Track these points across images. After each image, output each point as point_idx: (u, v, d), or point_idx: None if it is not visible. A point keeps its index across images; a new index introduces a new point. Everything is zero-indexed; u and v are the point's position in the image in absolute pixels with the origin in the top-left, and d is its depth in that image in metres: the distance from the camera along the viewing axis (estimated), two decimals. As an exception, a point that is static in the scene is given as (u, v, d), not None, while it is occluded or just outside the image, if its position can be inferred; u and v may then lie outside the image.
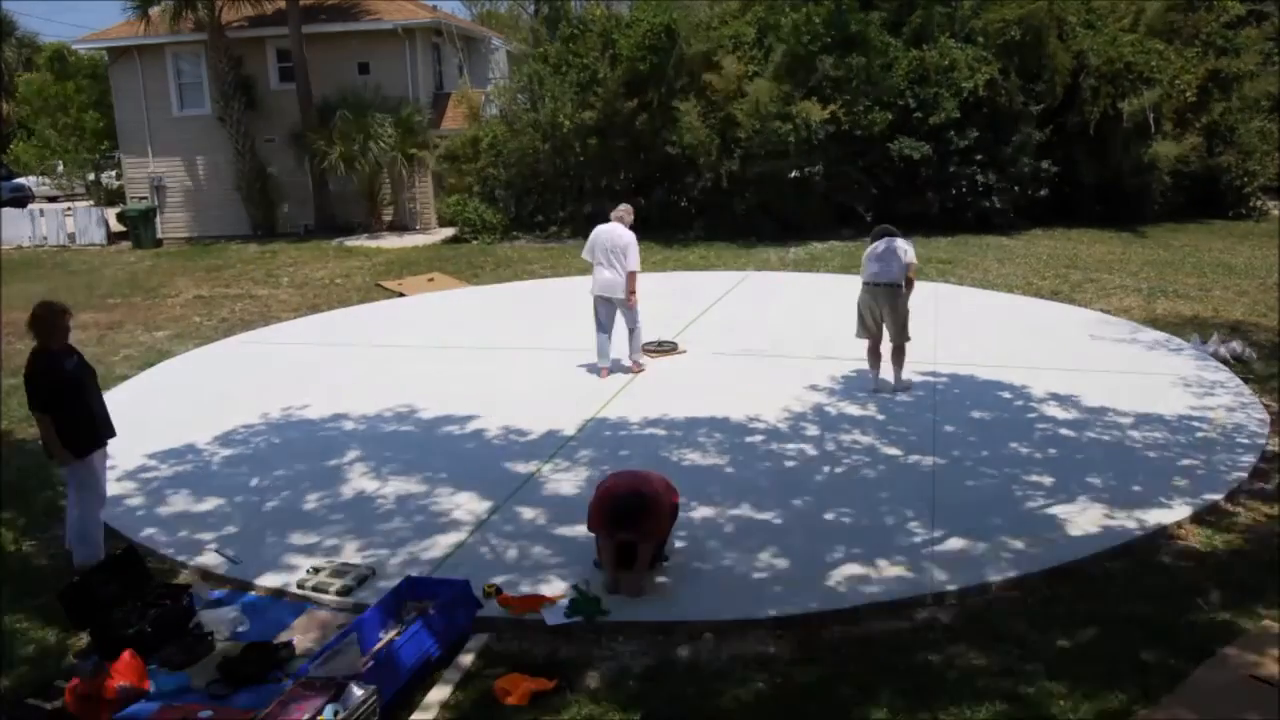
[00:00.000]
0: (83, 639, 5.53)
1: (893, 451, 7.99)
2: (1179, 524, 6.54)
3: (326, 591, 5.90)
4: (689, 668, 5.16)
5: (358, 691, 4.55)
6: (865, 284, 9.38)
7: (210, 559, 6.46)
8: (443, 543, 6.53)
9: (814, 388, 9.70)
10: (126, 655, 5.04)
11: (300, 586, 5.97)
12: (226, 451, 8.59)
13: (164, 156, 23.78)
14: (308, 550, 6.53)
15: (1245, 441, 7.98)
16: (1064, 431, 8.30)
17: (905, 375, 9.60)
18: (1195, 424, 8.40)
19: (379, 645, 5.23)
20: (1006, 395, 9.33)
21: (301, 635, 5.58)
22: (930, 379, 9.87)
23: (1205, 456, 7.67)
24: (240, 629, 5.63)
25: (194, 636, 5.47)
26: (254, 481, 7.82)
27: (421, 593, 5.58)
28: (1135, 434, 8.21)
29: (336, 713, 4.42)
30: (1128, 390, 9.29)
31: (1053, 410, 8.84)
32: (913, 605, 5.65)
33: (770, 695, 4.89)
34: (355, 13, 23.16)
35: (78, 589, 5.50)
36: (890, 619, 5.54)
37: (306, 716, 4.41)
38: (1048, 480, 7.26)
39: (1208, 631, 5.25)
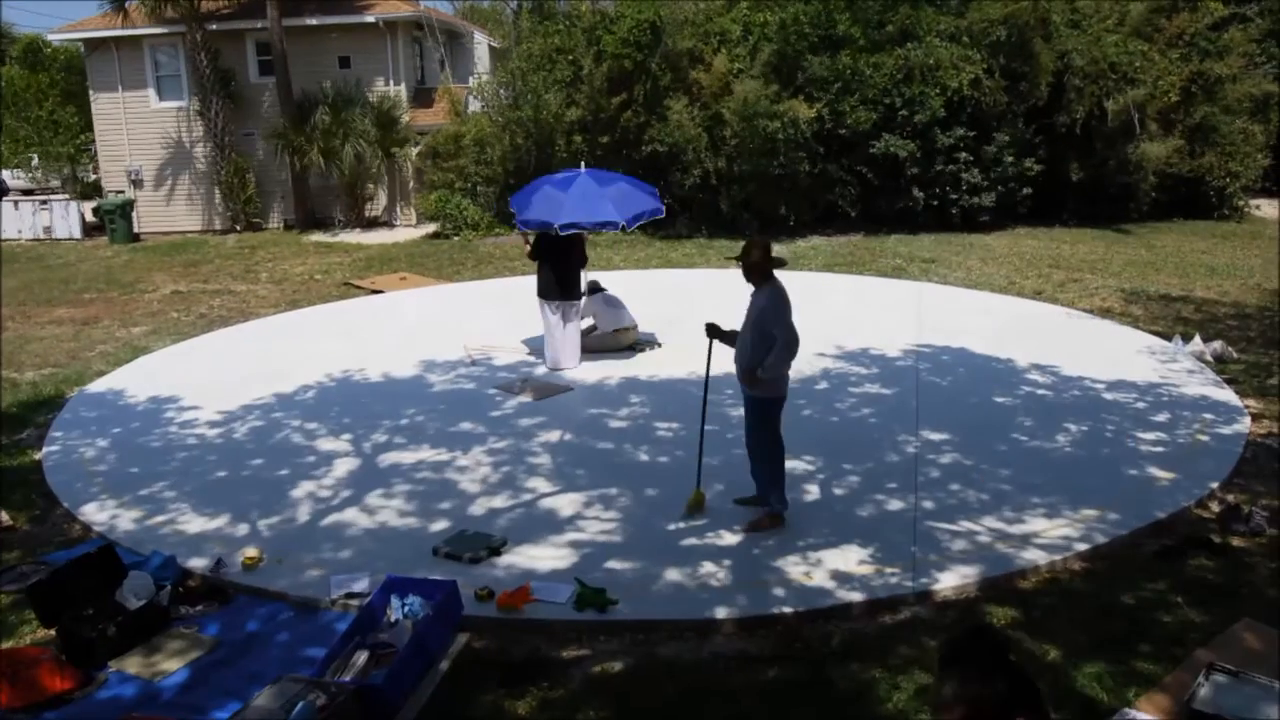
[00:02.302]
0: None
1: (875, 445, 7.97)
2: (1160, 524, 6.52)
3: (460, 559, 6.13)
4: (670, 666, 5.10)
5: (331, 690, 4.47)
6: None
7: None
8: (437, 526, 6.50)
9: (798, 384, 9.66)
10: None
11: (435, 553, 6.26)
12: (215, 443, 8.57)
13: (141, 149, 23.49)
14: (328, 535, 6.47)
15: (1226, 443, 7.97)
16: (1041, 440, 8.27)
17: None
18: (1177, 424, 8.40)
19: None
20: (988, 399, 9.31)
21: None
22: (912, 362, 9.88)
23: (1187, 457, 7.67)
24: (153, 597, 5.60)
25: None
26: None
27: (406, 592, 5.47)
28: (1114, 432, 8.20)
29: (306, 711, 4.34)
30: (1109, 390, 9.29)
31: (1034, 409, 8.83)
32: (895, 602, 5.61)
33: (752, 693, 4.83)
34: (336, 6, 22.94)
35: (48, 586, 5.39)
36: (873, 616, 5.50)
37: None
38: (1037, 480, 7.23)
39: (1182, 632, 5.23)
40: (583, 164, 11.38)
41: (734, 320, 6.70)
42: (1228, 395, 9.18)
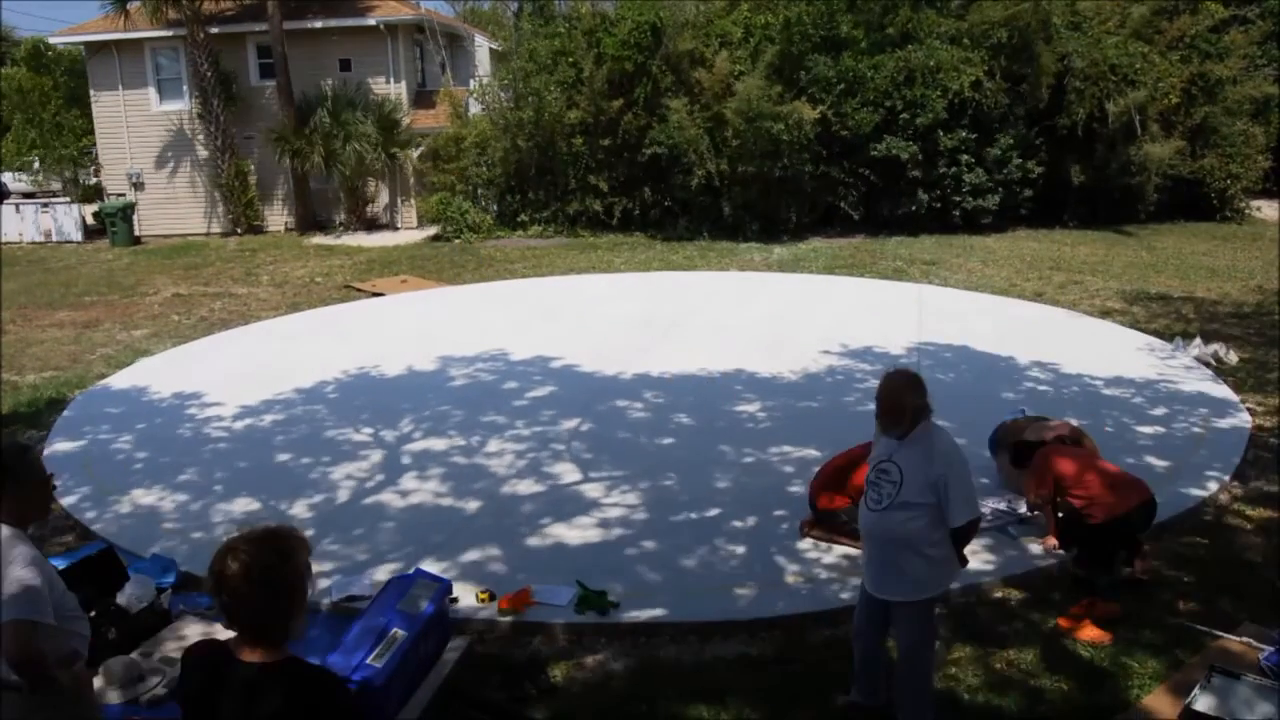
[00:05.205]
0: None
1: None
2: (1163, 524, 6.51)
3: None
4: (671, 669, 5.09)
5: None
6: None
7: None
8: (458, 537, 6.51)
9: (799, 386, 9.68)
10: None
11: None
12: (242, 435, 8.73)
13: (142, 152, 23.52)
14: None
15: (1227, 442, 7.97)
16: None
17: None
18: (1175, 418, 8.42)
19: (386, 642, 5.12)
20: (989, 394, 9.30)
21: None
22: (914, 359, 9.85)
23: (1187, 457, 7.67)
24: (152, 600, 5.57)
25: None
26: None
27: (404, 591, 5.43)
28: (1115, 433, 8.20)
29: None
30: (1110, 391, 9.30)
31: (1035, 403, 8.80)
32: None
33: (753, 696, 4.82)
34: (337, 9, 22.97)
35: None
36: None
37: None
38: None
39: (1190, 630, 5.22)
40: None
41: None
42: (1225, 391, 9.24)
